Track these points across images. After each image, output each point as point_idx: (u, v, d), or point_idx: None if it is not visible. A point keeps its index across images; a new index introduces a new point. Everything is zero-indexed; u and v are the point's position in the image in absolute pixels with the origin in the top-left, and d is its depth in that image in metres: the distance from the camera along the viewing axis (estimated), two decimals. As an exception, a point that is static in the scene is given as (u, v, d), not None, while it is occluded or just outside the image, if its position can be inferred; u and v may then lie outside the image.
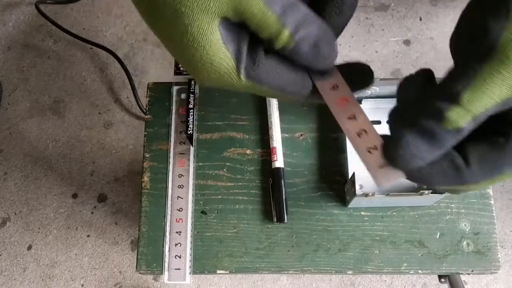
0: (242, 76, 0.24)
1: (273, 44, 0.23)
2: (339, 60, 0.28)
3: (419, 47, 0.89)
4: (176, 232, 0.39)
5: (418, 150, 0.21)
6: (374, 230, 0.39)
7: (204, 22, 0.21)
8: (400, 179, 0.24)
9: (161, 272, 0.38)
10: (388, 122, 0.25)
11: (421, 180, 0.23)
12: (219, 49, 0.23)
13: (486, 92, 0.20)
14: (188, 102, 0.41)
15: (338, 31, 0.26)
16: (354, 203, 0.37)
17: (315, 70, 0.25)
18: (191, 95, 0.41)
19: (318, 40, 0.23)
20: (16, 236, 0.81)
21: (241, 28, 0.23)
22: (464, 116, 0.20)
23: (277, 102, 0.41)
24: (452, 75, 0.21)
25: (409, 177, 0.23)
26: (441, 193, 0.34)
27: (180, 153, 0.41)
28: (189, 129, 0.40)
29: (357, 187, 0.35)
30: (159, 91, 0.43)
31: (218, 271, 0.38)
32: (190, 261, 0.38)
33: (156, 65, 0.90)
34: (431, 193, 0.33)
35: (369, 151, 0.25)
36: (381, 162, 0.24)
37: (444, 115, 0.20)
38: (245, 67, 0.24)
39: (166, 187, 0.40)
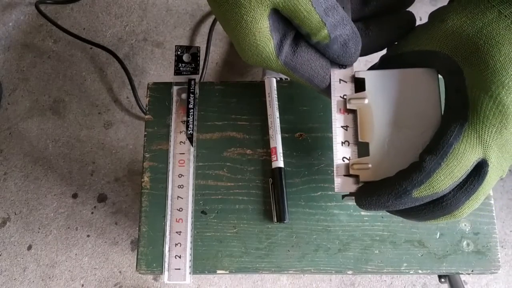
0: (281, 62, 0.28)
1: (310, 38, 0.27)
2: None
3: (419, 47, 0.88)
4: (176, 232, 0.39)
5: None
6: (374, 230, 0.39)
7: (257, 13, 0.25)
8: None
9: (161, 272, 0.38)
10: None
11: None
12: (265, 36, 0.26)
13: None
14: (188, 102, 0.41)
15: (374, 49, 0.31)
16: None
17: (337, 63, 0.30)
18: (191, 95, 0.41)
19: (348, 40, 0.27)
20: (16, 236, 0.81)
21: (288, 21, 0.27)
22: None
23: (277, 102, 0.41)
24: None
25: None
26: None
27: (180, 153, 0.41)
28: (189, 129, 0.40)
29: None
30: (159, 91, 0.43)
31: (218, 271, 0.38)
32: (190, 261, 0.38)
33: (156, 65, 0.90)
34: None
35: (343, 160, 0.30)
36: (347, 172, 0.29)
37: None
38: (285, 56, 0.28)
39: (166, 187, 0.40)
